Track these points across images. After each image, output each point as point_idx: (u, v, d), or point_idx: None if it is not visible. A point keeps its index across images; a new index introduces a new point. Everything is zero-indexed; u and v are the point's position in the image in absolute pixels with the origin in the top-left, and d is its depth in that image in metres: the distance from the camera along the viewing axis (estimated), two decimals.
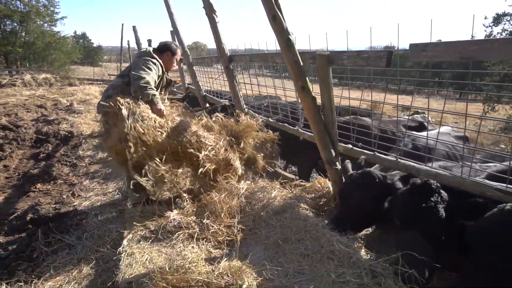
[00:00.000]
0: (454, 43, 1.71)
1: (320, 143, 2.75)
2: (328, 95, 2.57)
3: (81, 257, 2.59)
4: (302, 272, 2.05)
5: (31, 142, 6.51)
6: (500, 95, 12.08)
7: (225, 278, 1.98)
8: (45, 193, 4.04)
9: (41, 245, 2.68)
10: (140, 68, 3.11)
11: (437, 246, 1.86)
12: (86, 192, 3.93)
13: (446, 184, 2.01)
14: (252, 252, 2.34)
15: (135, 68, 3.13)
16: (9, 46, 20.83)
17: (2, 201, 3.87)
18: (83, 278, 2.34)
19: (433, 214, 1.82)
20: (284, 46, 2.44)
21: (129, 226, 2.71)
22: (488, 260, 1.59)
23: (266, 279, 2.02)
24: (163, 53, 3.45)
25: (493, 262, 1.57)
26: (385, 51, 2.05)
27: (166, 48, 3.47)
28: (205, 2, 4.13)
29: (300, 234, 2.35)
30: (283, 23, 2.38)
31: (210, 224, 2.64)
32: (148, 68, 3.15)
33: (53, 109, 10.83)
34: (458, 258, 1.93)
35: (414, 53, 1.92)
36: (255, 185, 3.16)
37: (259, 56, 3.96)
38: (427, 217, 1.84)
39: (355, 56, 2.27)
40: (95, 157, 5.34)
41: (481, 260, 1.62)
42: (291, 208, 2.71)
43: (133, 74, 3.07)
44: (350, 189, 2.34)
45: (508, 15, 17.09)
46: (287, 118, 3.81)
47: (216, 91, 6.40)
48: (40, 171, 4.61)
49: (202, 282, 1.93)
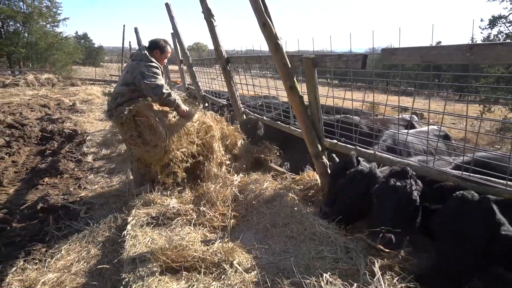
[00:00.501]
0: (417, 48, 1.97)
1: (307, 138, 3.01)
2: (314, 94, 2.83)
3: (89, 240, 2.85)
4: (287, 251, 2.31)
5: (36, 139, 6.77)
6: (498, 97, 12.29)
7: (218, 255, 2.24)
8: (53, 186, 4.30)
9: (53, 230, 2.94)
10: (151, 76, 3.29)
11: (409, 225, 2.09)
12: (91, 185, 4.19)
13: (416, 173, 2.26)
14: (243, 235, 2.60)
15: (143, 77, 3.27)
16: (12, 46, 21.13)
17: (13, 193, 4.13)
18: (91, 258, 2.60)
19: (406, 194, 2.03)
20: (274, 50, 2.70)
21: (133, 213, 2.97)
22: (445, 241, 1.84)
23: (254, 257, 2.28)
24: (153, 51, 3.57)
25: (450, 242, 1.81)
26: (361, 54, 2.32)
27: (155, 46, 3.59)
28: (204, 7, 4.40)
29: (287, 219, 2.61)
30: (272, 29, 2.64)
31: (206, 211, 2.91)
32: (156, 74, 3.35)
33: (56, 109, 11.09)
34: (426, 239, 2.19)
35: (385, 56, 2.19)
36: (249, 178, 3.42)
37: (254, 58, 4.21)
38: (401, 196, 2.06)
39: (336, 59, 2.53)
40: (99, 153, 5.60)
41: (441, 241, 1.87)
42: (280, 197, 2.97)
43: (148, 84, 3.25)
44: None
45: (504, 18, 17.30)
46: (280, 117, 4.07)
47: (215, 91, 6.66)
48: (47, 166, 4.87)
49: (198, 258, 2.20)
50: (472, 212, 1.74)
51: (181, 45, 6.80)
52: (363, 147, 2.79)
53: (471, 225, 1.72)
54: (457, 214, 1.84)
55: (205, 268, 2.16)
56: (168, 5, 6.20)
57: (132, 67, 3.38)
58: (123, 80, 3.44)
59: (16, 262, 2.47)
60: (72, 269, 2.47)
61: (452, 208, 1.88)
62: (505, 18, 16.94)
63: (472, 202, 1.79)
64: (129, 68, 3.45)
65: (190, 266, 2.17)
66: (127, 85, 3.39)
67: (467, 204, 1.83)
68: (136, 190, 3.48)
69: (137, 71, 3.31)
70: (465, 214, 1.80)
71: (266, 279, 2.00)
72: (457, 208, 1.84)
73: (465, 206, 1.84)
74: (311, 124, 2.95)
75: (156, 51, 3.56)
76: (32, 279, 2.28)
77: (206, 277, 2.10)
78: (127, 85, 3.39)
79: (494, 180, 1.89)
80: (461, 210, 1.85)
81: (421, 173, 2.22)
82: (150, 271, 2.13)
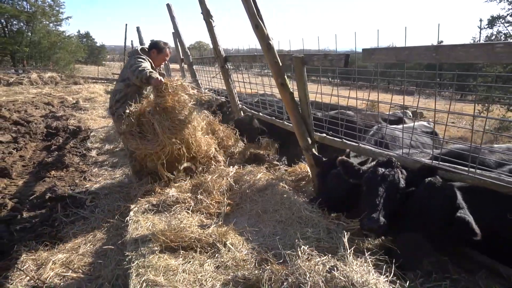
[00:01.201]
0: (392, 49, 2.18)
1: (298, 132, 3.22)
2: (303, 91, 3.05)
3: (94, 226, 3.08)
4: (275, 233, 2.52)
5: (42, 135, 7.01)
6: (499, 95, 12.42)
7: (213, 237, 2.46)
8: (59, 179, 4.53)
9: (61, 216, 3.17)
10: (134, 64, 3.50)
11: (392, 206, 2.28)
12: (96, 177, 4.42)
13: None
14: (237, 220, 2.82)
15: (130, 66, 3.52)
16: (15, 45, 21.40)
17: (22, 185, 4.37)
18: (97, 241, 2.83)
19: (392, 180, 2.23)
20: (266, 49, 2.92)
21: (135, 202, 3.19)
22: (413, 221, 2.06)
23: (246, 239, 2.50)
24: (150, 50, 3.77)
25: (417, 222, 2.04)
26: (344, 54, 2.53)
27: (153, 45, 3.80)
28: (203, 8, 4.62)
29: (277, 206, 2.83)
30: (264, 30, 2.86)
31: (203, 199, 3.12)
32: (139, 61, 3.53)
33: (60, 106, 11.33)
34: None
35: (365, 56, 2.40)
36: (244, 169, 3.64)
37: (250, 57, 4.43)
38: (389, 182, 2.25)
39: (322, 58, 2.75)
40: (102, 148, 5.84)
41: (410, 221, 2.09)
42: (272, 186, 3.18)
43: (131, 71, 3.46)
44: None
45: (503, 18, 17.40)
46: (274, 113, 4.29)
47: (214, 89, 6.87)
48: (53, 160, 5.11)
49: (194, 238, 2.42)
50: (436, 196, 1.96)
51: (182, 44, 7.02)
52: (349, 140, 3.00)
53: (434, 207, 1.94)
54: (424, 197, 2.06)
55: (200, 248, 2.37)
56: (169, 5, 6.42)
57: (127, 62, 3.70)
58: (120, 77, 3.72)
59: (29, 244, 2.69)
60: (79, 250, 2.70)
61: (421, 192, 2.10)
62: (504, 18, 17.09)
63: (437, 188, 2.01)
64: (125, 64, 3.77)
65: (187, 246, 2.39)
66: (123, 80, 3.66)
67: (433, 189, 2.05)
68: (137, 184, 3.65)
69: (129, 65, 3.58)
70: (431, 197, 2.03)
71: (256, 256, 2.22)
72: (425, 192, 2.06)
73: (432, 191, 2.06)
74: (301, 118, 3.16)
75: (153, 51, 3.77)
76: (43, 258, 2.52)
77: (201, 255, 2.31)
78: (123, 81, 3.66)
79: (459, 167, 2.10)
80: (428, 194, 2.07)
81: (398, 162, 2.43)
82: (151, 250, 2.35)
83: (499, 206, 2.05)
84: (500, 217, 2.02)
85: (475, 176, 2.00)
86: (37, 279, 2.24)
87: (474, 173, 2.01)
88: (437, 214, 1.93)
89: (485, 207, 2.07)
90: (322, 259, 1.57)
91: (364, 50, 2.40)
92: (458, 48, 1.79)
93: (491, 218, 2.04)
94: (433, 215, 1.95)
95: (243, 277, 2.01)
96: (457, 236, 1.91)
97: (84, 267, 2.46)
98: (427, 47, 1.99)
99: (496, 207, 2.08)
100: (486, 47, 1.68)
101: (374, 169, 2.38)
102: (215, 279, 2.04)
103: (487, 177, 1.94)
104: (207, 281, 2.02)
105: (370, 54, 2.35)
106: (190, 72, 7.11)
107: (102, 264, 2.48)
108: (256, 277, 1.99)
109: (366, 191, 2.32)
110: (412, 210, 2.12)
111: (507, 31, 16.69)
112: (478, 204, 2.05)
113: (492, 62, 1.86)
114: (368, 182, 2.34)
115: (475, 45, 1.77)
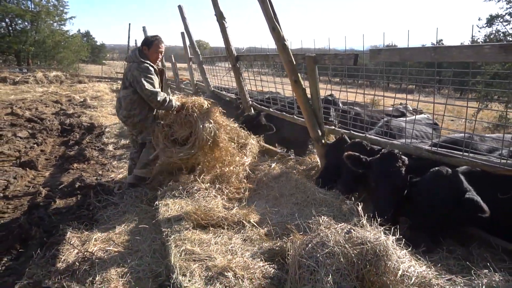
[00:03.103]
0: (396, 49, 2.50)
1: (309, 125, 3.54)
2: (315, 87, 3.36)
3: (125, 210, 3.38)
4: (293, 213, 2.84)
5: (57, 132, 7.32)
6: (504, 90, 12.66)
7: (237, 216, 2.78)
8: (82, 171, 4.84)
9: (94, 201, 3.48)
10: (143, 83, 3.42)
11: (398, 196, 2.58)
12: (117, 169, 4.73)
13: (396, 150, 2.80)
14: (256, 203, 3.14)
15: (137, 82, 3.43)
16: (20, 44, 21.69)
17: (48, 176, 4.68)
18: (130, 222, 3.13)
19: (397, 172, 2.53)
20: (281, 49, 3.23)
21: (160, 189, 3.50)
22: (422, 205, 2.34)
23: (266, 218, 2.82)
24: (142, 47, 3.63)
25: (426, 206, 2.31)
26: (353, 54, 2.85)
27: (143, 43, 3.66)
28: (217, 10, 4.92)
29: (293, 190, 3.15)
30: (280, 32, 3.17)
31: (223, 187, 3.43)
32: (148, 78, 3.47)
33: (69, 104, 11.64)
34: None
35: (373, 55, 2.71)
36: (258, 160, 3.96)
37: (262, 56, 4.74)
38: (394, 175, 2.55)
39: (333, 57, 3.06)
40: (119, 143, 6.15)
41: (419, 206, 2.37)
42: (286, 174, 3.50)
43: (143, 91, 3.43)
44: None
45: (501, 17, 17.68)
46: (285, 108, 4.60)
47: (223, 87, 7.16)
48: (75, 153, 5.42)
49: (221, 217, 2.74)
50: (444, 182, 2.23)
51: (192, 44, 7.33)
52: (356, 131, 3.32)
53: (442, 192, 2.21)
54: (432, 184, 2.32)
55: (227, 225, 2.69)
56: (180, 7, 6.72)
57: (128, 70, 3.57)
58: (123, 84, 3.64)
59: (72, 224, 3.00)
60: (115, 230, 3.00)
61: (428, 179, 2.37)
62: (502, 17, 17.39)
63: (444, 175, 2.28)
64: (126, 70, 3.63)
65: (216, 224, 2.71)
66: (126, 88, 3.57)
67: (440, 176, 2.31)
68: (139, 171, 3.80)
69: (130, 75, 3.48)
70: (439, 184, 2.28)
71: (278, 231, 2.54)
72: (432, 179, 2.33)
73: (439, 178, 2.32)
74: (313, 112, 3.48)
75: (144, 47, 3.62)
76: (86, 236, 2.83)
77: (229, 231, 2.64)
78: (126, 88, 3.57)
79: (454, 152, 2.42)
80: (436, 181, 2.33)
81: (401, 149, 2.75)
82: (184, 227, 2.67)
83: (493, 187, 2.33)
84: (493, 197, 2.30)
85: (469, 159, 2.31)
86: (85, 251, 2.55)
87: (468, 157, 2.32)
88: (446, 198, 2.19)
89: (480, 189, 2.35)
90: (340, 225, 1.88)
91: (371, 50, 2.72)
92: (453, 49, 2.11)
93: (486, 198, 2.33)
94: (442, 199, 2.21)
95: (269, 247, 2.34)
96: (465, 216, 2.18)
97: (123, 243, 2.77)
98: (426, 48, 2.30)
99: (490, 188, 2.36)
100: (476, 48, 2.00)
101: (379, 164, 2.62)
102: (244, 249, 2.36)
103: (478, 159, 2.26)
104: (237, 250, 2.34)
105: (377, 53, 2.67)
106: (200, 70, 7.44)
107: (139, 240, 2.79)
108: (280, 247, 2.31)
109: (375, 187, 2.59)
110: (419, 197, 2.37)
111: (506, 29, 16.99)
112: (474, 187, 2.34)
113: (481, 60, 2.13)
114: (376, 180, 2.60)
115: (467, 46, 2.08)
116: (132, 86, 3.51)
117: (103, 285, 2.24)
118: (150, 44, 3.63)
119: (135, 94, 3.55)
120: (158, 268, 2.38)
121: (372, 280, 1.61)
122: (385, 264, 1.59)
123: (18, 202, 3.70)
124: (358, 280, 1.61)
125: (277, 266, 2.15)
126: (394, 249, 1.66)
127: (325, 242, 1.72)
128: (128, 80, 3.53)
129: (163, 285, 2.23)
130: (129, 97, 3.57)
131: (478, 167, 2.26)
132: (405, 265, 1.63)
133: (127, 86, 3.56)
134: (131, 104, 3.58)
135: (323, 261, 1.65)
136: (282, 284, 1.97)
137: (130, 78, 3.50)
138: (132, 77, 3.48)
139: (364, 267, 1.60)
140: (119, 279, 2.30)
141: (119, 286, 2.23)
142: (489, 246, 2.41)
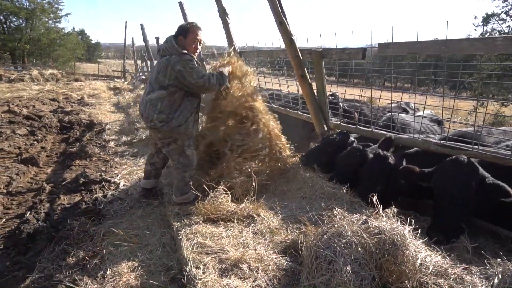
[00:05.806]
0: (405, 43, 2.51)
1: (315, 120, 3.55)
2: (321, 82, 3.37)
3: (131, 205, 3.37)
4: (302, 207, 2.85)
5: (57, 129, 7.24)
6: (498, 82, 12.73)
7: (247, 210, 2.78)
8: (85, 167, 4.80)
9: (100, 197, 3.47)
10: (194, 73, 2.90)
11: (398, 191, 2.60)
12: (120, 166, 4.71)
13: (404, 143, 2.82)
14: (265, 197, 3.14)
15: (184, 78, 2.89)
16: (15, 42, 21.45)
17: (50, 172, 4.64)
18: (137, 217, 3.12)
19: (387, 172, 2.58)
20: (288, 44, 3.23)
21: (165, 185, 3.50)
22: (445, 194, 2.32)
23: (276, 212, 2.82)
24: (177, 38, 3.04)
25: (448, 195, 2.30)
26: (361, 48, 2.86)
27: (177, 32, 3.07)
28: (219, 6, 4.90)
29: (300, 185, 3.16)
30: (287, 27, 3.17)
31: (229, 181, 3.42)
32: (194, 67, 2.94)
33: (66, 102, 11.53)
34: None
35: (381, 49, 2.72)
36: None
37: (266, 52, 4.74)
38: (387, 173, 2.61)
39: (340, 52, 3.07)
40: (120, 140, 6.11)
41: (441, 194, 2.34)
42: (293, 169, 3.51)
43: (195, 84, 2.92)
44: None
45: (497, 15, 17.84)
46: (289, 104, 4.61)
47: None
48: (76, 150, 5.38)
49: (231, 211, 2.74)
50: (466, 168, 2.23)
51: None
52: (363, 126, 3.33)
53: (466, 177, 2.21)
54: (452, 172, 2.31)
55: (237, 219, 2.70)
56: (181, 3, 6.68)
57: (164, 65, 2.93)
58: (158, 83, 2.97)
59: (79, 219, 2.98)
60: (122, 225, 2.99)
61: (447, 167, 2.34)
62: (498, 16, 17.56)
63: (462, 163, 2.28)
64: (159, 67, 2.97)
65: (225, 218, 2.71)
66: (164, 88, 2.95)
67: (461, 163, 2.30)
68: (180, 199, 3.13)
69: (170, 70, 2.89)
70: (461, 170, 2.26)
71: (288, 224, 2.55)
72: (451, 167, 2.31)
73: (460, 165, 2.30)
74: (319, 107, 3.49)
75: (180, 38, 3.03)
76: (94, 230, 2.81)
77: (239, 225, 2.64)
78: (164, 88, 2.95)
79: (462, 145, 2.45)
80: (454, 169, 2.31)
81: (410, 143, 2.77)
82: (194, 221, 2.67)
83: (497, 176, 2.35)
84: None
85: (478, 152, 2.34)
86: (95, 246, 2.54)
87: (477, 149, 2.35)
88: (469, 184, 2.18)
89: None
90: (355, 216, 1.89)
91: (380, 44, 2.73)
92: (463, 42, 2.12)
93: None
94: (466, 185, 2.19)
95: (280, 240, 2.35)
96: (486, 201, 2.18)
97: (132, 238, 2.76)
98: (435, 41, 2.32)
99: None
100: (487, 40, 2.02)
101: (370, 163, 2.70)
102: (255, 242, 2.36)
103: (488, 152, 2.28)
104: (249, 243, 2.35)
105: (385, 47, 2.68)
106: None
107: (148, 234, 2.78)
108: (292, 239, 2.32)
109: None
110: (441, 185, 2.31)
111: (501, 28, 17.16)
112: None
113: (491, 53, 2.12)
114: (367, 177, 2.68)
115: (477, 39, 2.10)
116: (174, 85, 2.93)
117: (114, 278, 2.24)
118: (187, 32, 3.01)
119: (175, 94, 2.96)
120: (169, 262, 2.38)
121: (390, 269, 1.62)
122: (403, 253, 1.60)
123: (22, 198, 3.67)
124: (376, 269, 1.62)
125: (290, 258, 2.17)
126: (411, 239, 1.68)
127: (342, 232, 1.73)
128: (169, 77, 2.91)
129: (175, 278, 2.23)
130: (167, 98, 2.95)
131: (488, 159, 2.29)
132: (422, 254, 1.65)
133: (166, 86, 2.93)
134: (170, 106, 2.96)
135: (341, 251, 1.66)
136: (296, 275, 1.98)
137: (172, 75, 2.90)
138: (176, 72, 2.87)
139: (383, 256, 1.62)
140: (130, 272, 2.29)
141: (131, 279, 2.23)
142: (496, 238, 2.44)
